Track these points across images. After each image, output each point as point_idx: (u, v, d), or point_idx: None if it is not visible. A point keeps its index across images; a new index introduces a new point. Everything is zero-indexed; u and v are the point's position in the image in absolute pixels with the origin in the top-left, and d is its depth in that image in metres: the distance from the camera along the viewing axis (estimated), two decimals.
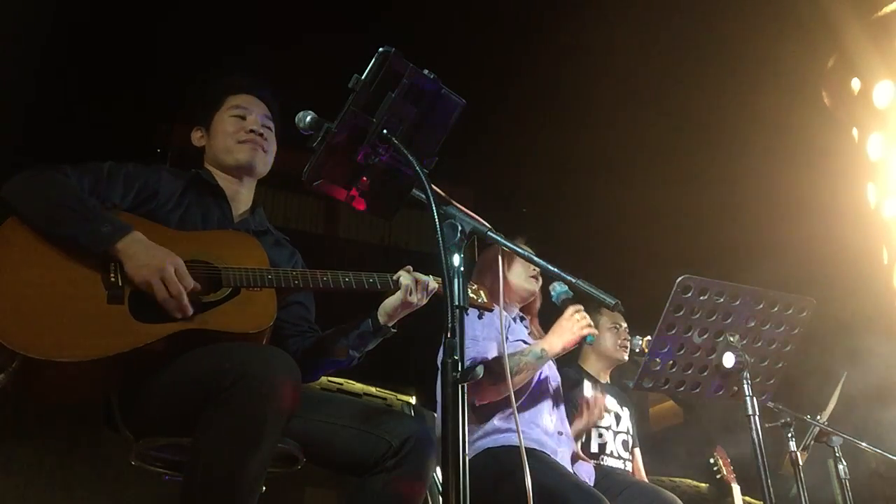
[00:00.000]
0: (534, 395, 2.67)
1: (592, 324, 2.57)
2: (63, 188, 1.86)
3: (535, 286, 2.78)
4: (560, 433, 2.67)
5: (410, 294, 2.03)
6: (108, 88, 4.58)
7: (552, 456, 2.54)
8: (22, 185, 1.85)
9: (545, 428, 2.61)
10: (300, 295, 2.20)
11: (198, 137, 2.27)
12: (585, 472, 2.73)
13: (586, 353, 3.54)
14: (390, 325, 2.09)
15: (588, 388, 3.14)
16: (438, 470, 2.26)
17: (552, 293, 2.69)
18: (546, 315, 2.96)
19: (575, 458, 2.73)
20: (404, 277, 2.04)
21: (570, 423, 2.85)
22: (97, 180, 1.96)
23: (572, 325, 2.52)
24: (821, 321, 2.38)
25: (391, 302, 2.06)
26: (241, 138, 2.19)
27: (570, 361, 3.43)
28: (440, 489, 2.37)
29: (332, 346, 2.10)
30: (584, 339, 2.56)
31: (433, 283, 2.07)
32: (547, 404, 2.68)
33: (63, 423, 4.33)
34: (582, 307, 2.58)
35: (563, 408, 2.81)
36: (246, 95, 2.26)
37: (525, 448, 2.46)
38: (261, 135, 2.20)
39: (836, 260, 4.89)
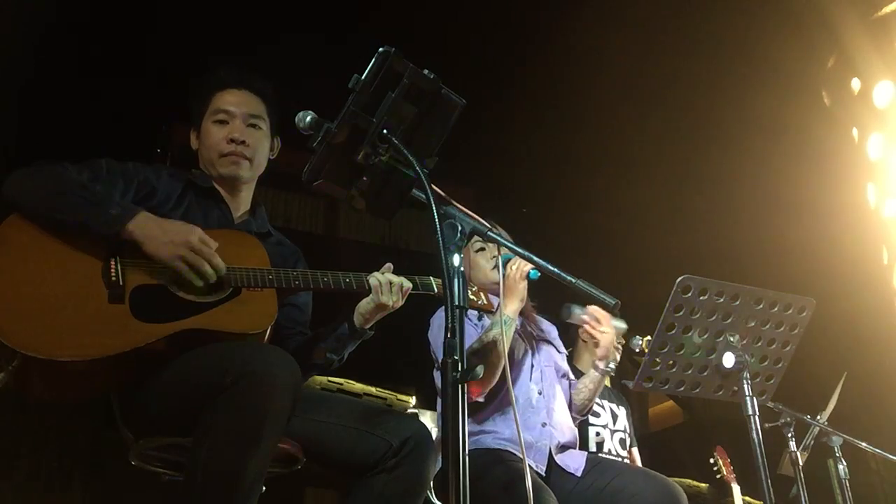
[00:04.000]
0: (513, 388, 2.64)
1: (526, 263, 2.55)
2: (65, 178, 1.85)
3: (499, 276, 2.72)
4: (544, 424, 2.63)
5: (382, 296, 2.00)
6: (108, 88, 4.57)
7: (522, 454, 2.52)
8: (23, 179, 1.84)
9: (524, 421, 2.58)
10: (297, 296, 2.19)
11: (193, 140, 2.23)
12: (574, 462, 2.67)
13: (580, 352, 3.53)
14: (367, 327, 2.06)
15: (580, 314, 2.86)
16: None
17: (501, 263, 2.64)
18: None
19: (563, 449, 2.66)
20: (374, 279, 2.01)
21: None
22: (97, 176, 1.95)
23: (513, 278, 2.55)
24: (821, 321, 2.38)
25: (365, 305, 2.04)
26: (223, 150, 2.12)
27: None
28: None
29: (312, 349, 2.09)
30: (528, 278, 2.57)
31: (406, 283, 2.05)
32: (528, 394, 2.65)
33: (63, 423, 4.33)
34: (512, 257, 2.54)
35: (556, 396, 2.75)
36: (232, 92, 2.17)
37: (492, 448, 2.52)
38: (242, 142, 2.12)
39: (836, 260, 4.88)
